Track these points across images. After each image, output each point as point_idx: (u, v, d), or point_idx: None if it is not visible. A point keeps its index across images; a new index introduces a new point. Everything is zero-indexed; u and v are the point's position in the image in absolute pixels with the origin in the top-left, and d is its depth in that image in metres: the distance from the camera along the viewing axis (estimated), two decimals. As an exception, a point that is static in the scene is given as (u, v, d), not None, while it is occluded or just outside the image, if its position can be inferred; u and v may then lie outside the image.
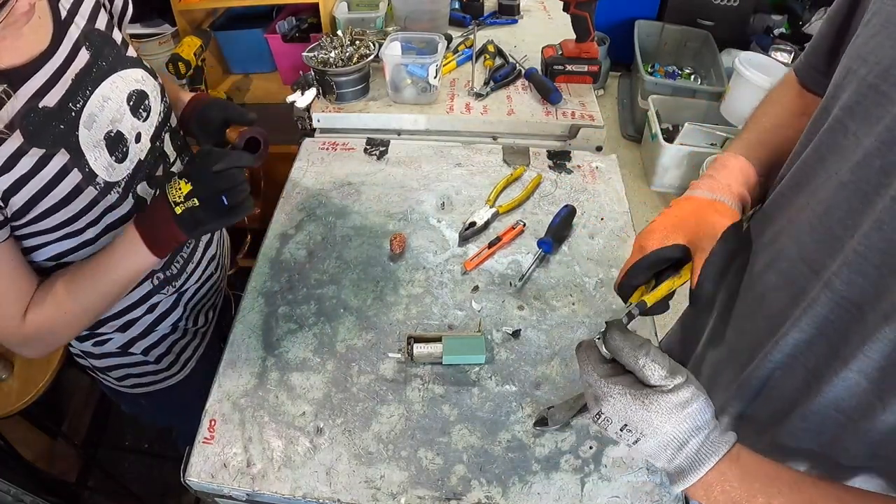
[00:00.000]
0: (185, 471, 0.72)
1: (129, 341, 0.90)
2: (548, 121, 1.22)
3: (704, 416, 0.47)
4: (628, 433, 0.49)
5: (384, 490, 0.70)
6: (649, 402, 0.47)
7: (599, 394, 0.49)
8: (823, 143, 0.51)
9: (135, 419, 1.89)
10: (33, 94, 0.66)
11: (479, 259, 0.95)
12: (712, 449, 0.47)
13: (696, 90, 2.73)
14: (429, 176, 1.13)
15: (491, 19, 1.61)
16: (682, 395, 0.47)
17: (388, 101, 1.27)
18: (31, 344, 0.74)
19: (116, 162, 0.74)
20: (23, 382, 1.35)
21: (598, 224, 1.03)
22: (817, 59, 0.62)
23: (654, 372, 0.47)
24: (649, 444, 0.48)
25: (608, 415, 0.49)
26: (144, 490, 1.73)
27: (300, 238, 1.00)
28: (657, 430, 0.47)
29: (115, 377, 0.95)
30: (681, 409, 0.47)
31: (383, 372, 0.81)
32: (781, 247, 0.56)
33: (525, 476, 0.71)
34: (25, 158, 0.64)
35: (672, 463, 0.48)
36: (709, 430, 0.47)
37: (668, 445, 0.48)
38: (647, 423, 0.47)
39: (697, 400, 0.47)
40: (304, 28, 1.80)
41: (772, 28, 2.94)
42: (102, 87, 0.73)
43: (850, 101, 0.47)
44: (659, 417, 0.47)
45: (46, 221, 0.69)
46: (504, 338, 0.85)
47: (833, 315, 0.48)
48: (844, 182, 0.47)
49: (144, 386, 0.97)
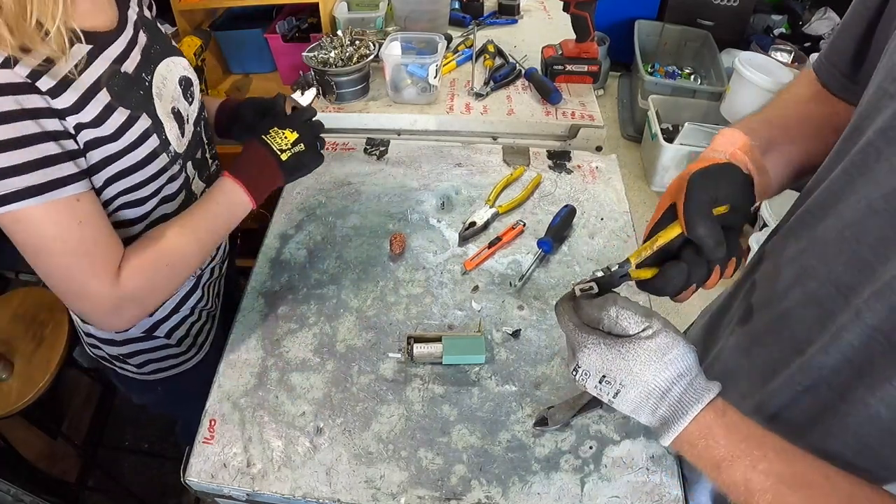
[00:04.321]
0: (185, 471, 0.72)
1: (154, 325, 0.91)
2: (548, 121, 1.22)
3: (686, 362, 0.46)
4: (607, 385, 0.47)
5: (384, 490, 0.70)
6: (626, 350, 0.46)
7: (575, 344, 0.47)
8: (854, 164, 0.49)
9: (135, 419, 1.90)
10: (115, 58, 0.69)
11: (479, 259, 0.96)
12: (696, 396, 0.45)
13: (696, 90, 2.73)
14: (429, 176, 1.13)
15: (491, 19, 1.61)
16: (660, 341, 0.45)
17: (388, 101, 1.27)
18: (125, 308, 0.69)
19: (181, 136, 0.79)
20: (23, 382, 1.35)
21: (598, 224, 1.03)
22: (841, 60, 0.60)
23: (630, 320, 0.46)
24: (630, 395, 0.46)
25: (585, 367, 0.47)
26: (144, 490, 1.73)
27: (300, 238, 1.00)
28: (637, 379, 0.46)
29: (136, 364, 0.95)
30: (661, 355, 0.45)
31: (383, 372, 0.81)
32: (808, 265, 0.54)
33: (525, 476, 0.71)
34: (115, 115, 0.66)
35: (656, 414, 0.47)
36: (691, 376, 0.46)
37: (650, 395, 0.46)
38: (626, 372, 0.46)
39: (677, 346, 0.46)
40: (304, 28, 1.80)
41: (772, 28, 2.94)
42: (160, 68, 0.77)
43: (885, 124, 0.46)
44: (638, 365, 0.45)
45: (115, 186, 0.70)
46: (504, 338, 0.85)
47: (860, 343, 0.47)
48: (877, 210, 0.46)
49: (164, 371, 0.98)
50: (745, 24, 2.93)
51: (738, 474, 0.43)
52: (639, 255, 0.53)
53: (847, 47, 0.58)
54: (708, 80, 2.86)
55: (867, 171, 0.48)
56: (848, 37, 0.58)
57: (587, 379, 0.48)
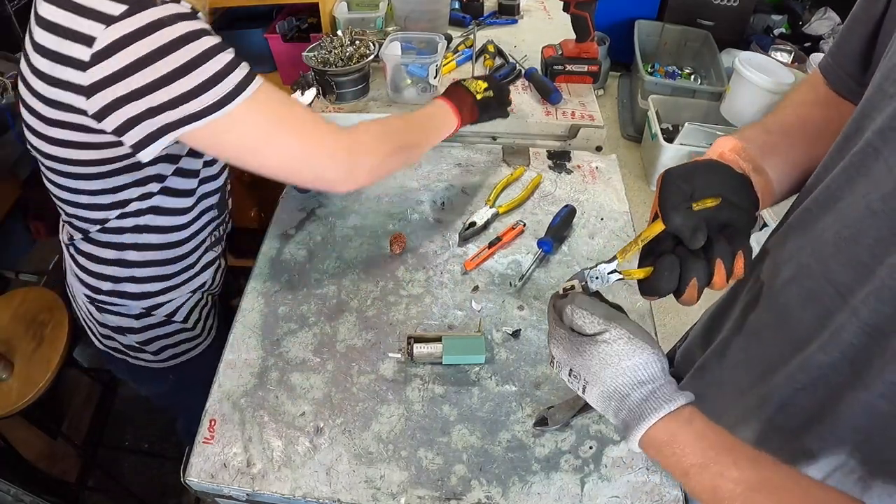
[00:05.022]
0: (185, 471, 0.72)
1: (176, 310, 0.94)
2: (548, 121, 1.22)
3: (649, 371, 0.47)
4: (575, 379, 0.49)
5: (384, 490, 0.70)
6: (584, 349, 0.48)
7: (549, 336, 0.51)
8: (853, 164, 0.50)
9: (135, 419, 1.90)
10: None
11: (479, 259, 0.95)
12: (657, 404, 0.45)
13: (696, 90, 2.73)
14: (429, 176, 1.13)
15: (491, 19, 1.61)
16: (617, 348, 0.47)
17: (388, 101, 1.26)
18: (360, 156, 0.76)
19: None
20: (23, 382, 1.35)
21: (598, 224, 1.03)
22: (848, 62, 0.59)
23: (584, 319, 0.48)
24: (594, 392, 0.48)
25: (557, 358, 0.50)
26: (144, 490, 1.73)
27: (300, 238, 1.00)
28: (596, 378, 0.47)
29: (152, 351, 0.97)
30: (617, 360, 0.47)
31: (383, 372, 0.81)
32: (806, 262, 0.55)
33: (525, 476, 0.71)
34: None
35: (618, 416, 0.48)
36: (655, 384, 0.46)
37: (611, 396, 0.47)
38: (585, 370, 0.48)
39: (638, 354, 0.47)
40: (304, 28, 1.80)
41: (772, 28, 2.94)
42: None
43: (884, 125, 0.46)
44: (595, 366, 0.47)
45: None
46: (504, 338, 0.85)
47: (857, 341, 0.48)
48: (875, 210, 0.46)
49: (179, 356, 1.00)
50: (745, 24, 2.93)
51: (707, 481, 0.43)
52: (625, 252, 0.53)
53: (854, 49, 0.58)
54: (708, 80, 2.86)
55: (866, 171, 0.48)
56: (854, 38, 0.57)
57: (560, 369, 0.51)
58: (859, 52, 0.57)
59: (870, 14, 0.54)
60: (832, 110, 0.62)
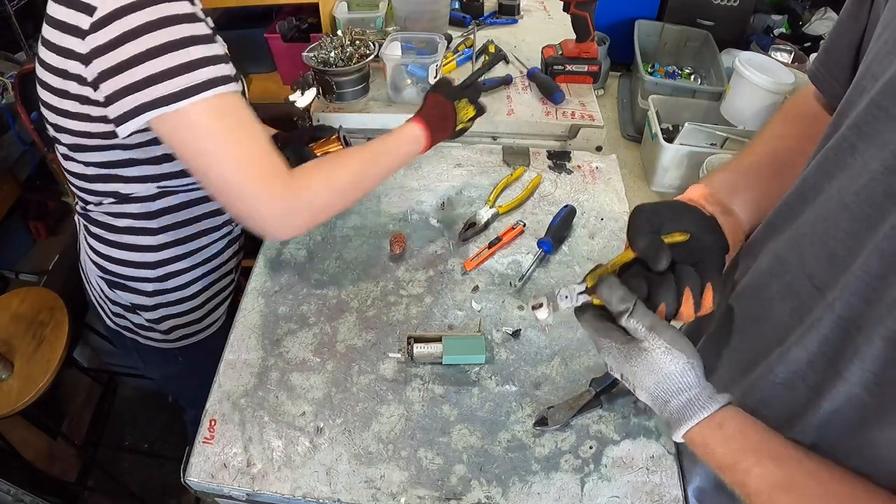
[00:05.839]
0: (185, 471, 0.72)
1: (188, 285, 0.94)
2: (548, 121, 1.22)
3: (685, 379, 0.50)
4: (626, 382, 0.53)
5: (384, 490, 0.70)
6: (631, 357, 0.51)
7: (598, 347, 0.54)
8: (829, 159, 0.50)
9: (135, 419, 1.90)
10: None
11: (479, 259, 0.96)
12: (692, 412, 0.49)
13: (696, 90, 2.72)
14: (429, 176, 1.13)
15: (491, 19, 1.61)
16: (656, 357, 0.50)
17: (388, 101, 1.27)
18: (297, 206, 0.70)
19: None
20: (23, 382, 1.35)
21: (598, 224, 1.03)
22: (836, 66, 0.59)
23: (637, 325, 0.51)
24: (642, 395, 0.52)
25: (611, 364, 0.54)
26: (144, 490, 1.73)
27: (300, 238, 1.00)
28: (642, 384, 0.51)
29: (163, 330, 0.97)
30: (658, 369, 0.50)
31: (383, 372, 0.81)
32: (784, 257, 0.56)
33: (525, 476, 0.71)
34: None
35: (662, 416, 0.52)
36: (691, 393, 0.50)
37: (655, 400, 0.52)
38: (632, 376, 0.52)
39: (676, 362, 0.50)
40: (304, 28, 1.80)
41: (772, 28, 2.94)
42: None
43: (859, 119, 0.47)
44: (640, 373, 0.51)
45: None
46: (504, 338, 0.85)
47: (833, 335, 0.49)
48: (847, 204, 0.47)
49: (189, 337, 1.01)
50: (745, 24, 2.92)
51: (738, 479, 0.48)
52: (595, 276, 0.56)
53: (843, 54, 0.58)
54: (708, 80, 2.85)
55: (842, 165, 0.49)
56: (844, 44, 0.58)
57: (614, 373, 0.54)
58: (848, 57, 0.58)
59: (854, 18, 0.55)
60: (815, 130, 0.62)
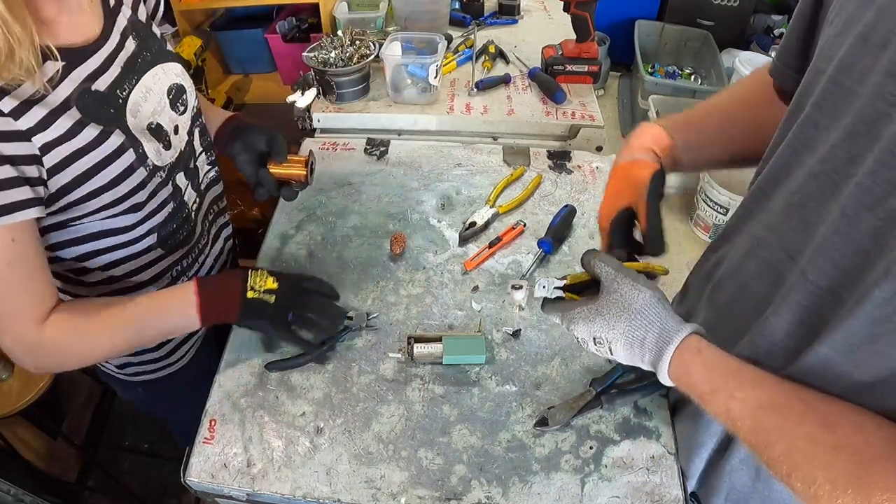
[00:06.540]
0: (185, 471, 0.72)
1: None
2: (548, 121, 1.22)
3: (654, 310, 0.52)
4: (601, 345, 0.55)
5: (384, 490, 0.70)
6: (601, 307, 0.54)
7: (567, 321, 0.57)
8: (797, 137, 0.53)
9: (135, 419, 1.90)
10: (87, 76, 0.68)
11: (479, 259, 0.95)
12: (667, 338, 0.51)
13: (697, 90, 2.73)
14: (429, 176, 1.13)
15: (491, 19, 1.62)
16: (624, 292, 0.53)
17: (389, 101, 1.27)
18: (39, 355, 0.69)
19: (164, 149, 0.77)
20: (23, 382, 1.35)
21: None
22: (790, 57, 0.63)
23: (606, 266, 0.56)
24: (619, 348, 0.54)
25: (581, 335, 0.56)
26: (144, 490, 1.73)
27: (300, 238, 1.00)
28: (616, 333, 0.53)
29: (116, 364, 0.95)
30: (627, 306, 0.52)
31: (383, 372, 0.81)
32: (760, 236, 0.58)
33: (525, 476, 0.71)
34: (87, 130, 0.66)
35: (645, 360, 0.53)
36: (661, 322, 0.52)
37: (632, 345, 0.53)
38: (607, 329, 0.53)
39: (641, 294, 0.52)
40: (304, 28, 1.80)
41: (772, 28, 2.94)
42: (146, 78, 0.75)
43: (818, 97, 0.50)
44: (613, 319, 0.53)
45: (94, 202, 0.69)
46: (504, 338, 0.85)
47: (808, 302, 0.50)
48: (815, 173, 0.50)
49: (143, 374, 0.97)
50: (746, 24, 2.92)
51: (721, 404, 0.49)
52: (577, 279, 0.61)
53: (794, 45, 0.62)
54: (708, 80, 2.85)
55: (810, 142, 0.51)
56: (794, 37, 0.61)
57: (587, 344, 0.56)
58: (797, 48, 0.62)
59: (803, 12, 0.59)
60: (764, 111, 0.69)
